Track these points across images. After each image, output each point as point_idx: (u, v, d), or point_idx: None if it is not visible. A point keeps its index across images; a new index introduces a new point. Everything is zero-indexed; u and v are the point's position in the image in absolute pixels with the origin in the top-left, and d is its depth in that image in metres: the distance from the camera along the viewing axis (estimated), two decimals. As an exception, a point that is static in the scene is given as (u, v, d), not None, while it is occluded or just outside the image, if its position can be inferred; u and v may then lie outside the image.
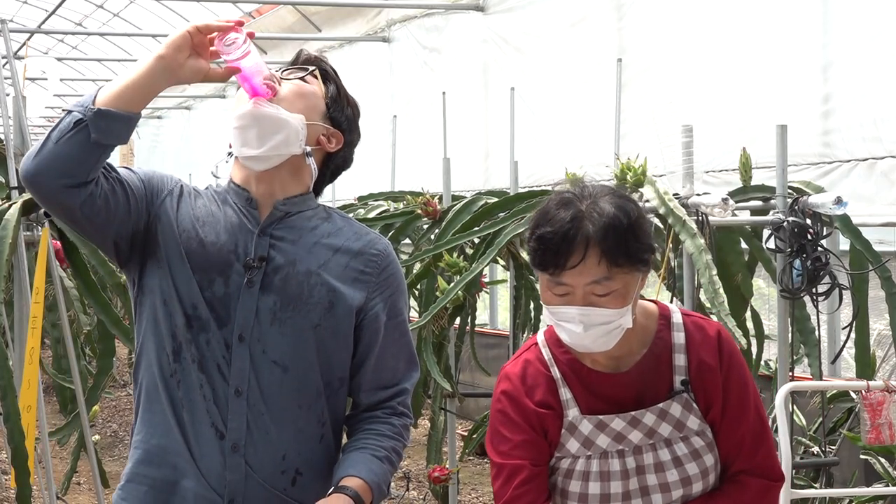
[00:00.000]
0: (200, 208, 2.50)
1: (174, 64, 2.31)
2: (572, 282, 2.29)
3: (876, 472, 5.22)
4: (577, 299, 2.30)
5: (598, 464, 2.40)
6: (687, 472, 2.39)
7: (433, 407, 5.66)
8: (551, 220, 2.31)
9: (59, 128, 2.28)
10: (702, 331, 2.47)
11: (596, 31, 8.56)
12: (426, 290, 5.63)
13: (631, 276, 2.32)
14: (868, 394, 4.14)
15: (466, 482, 8.07)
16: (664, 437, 2.40)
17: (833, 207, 4.42)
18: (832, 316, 5.94)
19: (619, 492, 2.39)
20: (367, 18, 12.30)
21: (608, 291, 2.29)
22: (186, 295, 2.42)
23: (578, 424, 2.42)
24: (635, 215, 2.33)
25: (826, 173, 6.45)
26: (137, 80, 2.31)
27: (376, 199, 6.96)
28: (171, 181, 2.53)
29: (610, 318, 2.30)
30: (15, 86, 5.34)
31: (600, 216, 2.29)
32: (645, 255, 2.33)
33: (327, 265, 2.50)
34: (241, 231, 2.47)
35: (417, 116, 10.86)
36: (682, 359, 2.44)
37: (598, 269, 2.28)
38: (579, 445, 2.42)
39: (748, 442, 2.43)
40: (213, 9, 14.95)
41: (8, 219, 4.54)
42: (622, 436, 2.40)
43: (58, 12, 15.08)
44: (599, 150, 7.62)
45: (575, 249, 2.27)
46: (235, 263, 2.45)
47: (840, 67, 6.48)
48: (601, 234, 2.27)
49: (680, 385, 2.42)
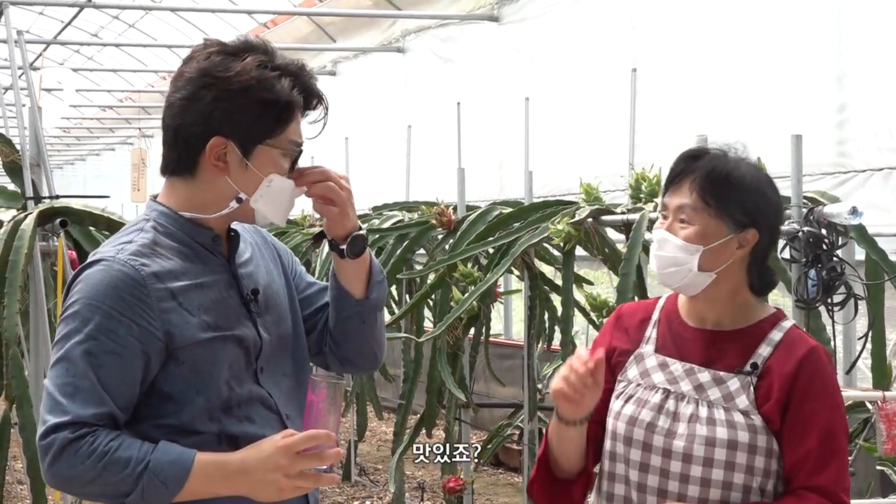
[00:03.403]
0: (192, 299, 2.36)
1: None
2: (668, 201, 2.56)
3: (892, 483, 5.19)
4: (666, 223, 2.56)
5: (643, 392, 2.60)
6: (715, 434, 2.48)
7: (448, 417, 5.66)
8: (685, 151, 2.60)
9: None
10: (799, 340, 2.57)
11: (609, 41, 8.56)
12: (441, 301, 5.64)
13: (715, 224, 2.50)
14: (884, 404, 4.13)
15: (481, 493, 8.06)
16: (710, 398, 2.52)
17: (848, 217, 4.40)
18: (848, 326, 5.91)
19: (647, 420, 2.55)
20: (381, 29, 12.33)
21: (689, 224, 2.51)
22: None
23: (646, 357, 2.64)
24: (749, 177, 2.54)
25: (841, 183, 6.43)
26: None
27: (391, 208, 6.98)
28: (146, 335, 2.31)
29: (678, 249, 2.51)
30: (31, 96, 5.37)
31: (716, 160, 2.55)
32: (737, 213, 2.50)
33: (268, 270, 2.55)
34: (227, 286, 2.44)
35: (432, 126, 10.86)
36: (767, 351, 2.54)
37: (687, 194, 2.51)
38: (637, 374, 2.63)
39: (811, 461, 2.48)
40: (229, 20, 15.01)
41: (24, 229, 4.56)
42: (676, 380, 2.57)
43: (73, 23, 15.17)
44: (614, 159, 7.60)
45: (680, 171, 2.55)
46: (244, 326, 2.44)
47: (855, 77, 6.46)
48: (705, 170, 2.52)
49: (749, 367, 2.53)
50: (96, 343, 2.25)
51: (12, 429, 4.81)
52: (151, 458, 2.21)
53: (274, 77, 2.33)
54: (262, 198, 2.37)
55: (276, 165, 2.37)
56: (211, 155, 2.34)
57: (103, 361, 2.25)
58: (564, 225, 4.72)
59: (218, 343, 2.35)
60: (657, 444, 2.53)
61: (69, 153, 29.12)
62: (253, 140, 2.35)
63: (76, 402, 2.23)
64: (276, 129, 2.35)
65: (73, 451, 2.21)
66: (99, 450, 2.21)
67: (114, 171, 26.60)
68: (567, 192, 7.66)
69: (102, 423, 2.24)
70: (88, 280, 2.30)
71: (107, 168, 27.88)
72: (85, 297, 2.28)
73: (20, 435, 4.53)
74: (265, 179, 2.36)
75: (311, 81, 2.41)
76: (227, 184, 2.36)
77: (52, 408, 2.24)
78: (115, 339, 2.26)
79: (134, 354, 2.27)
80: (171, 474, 2.22)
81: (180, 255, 2.37)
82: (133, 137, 22.80)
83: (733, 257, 2.53)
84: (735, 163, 2.56)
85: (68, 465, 2.22)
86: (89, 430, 2.22)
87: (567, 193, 7.37)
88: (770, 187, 2.58)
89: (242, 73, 2.31)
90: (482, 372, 6.89)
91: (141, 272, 2.29)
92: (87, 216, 4.77)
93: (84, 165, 30.14)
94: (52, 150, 25.51)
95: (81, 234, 4.81)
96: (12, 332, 4.52)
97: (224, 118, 2.32)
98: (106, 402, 2.25)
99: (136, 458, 2.21)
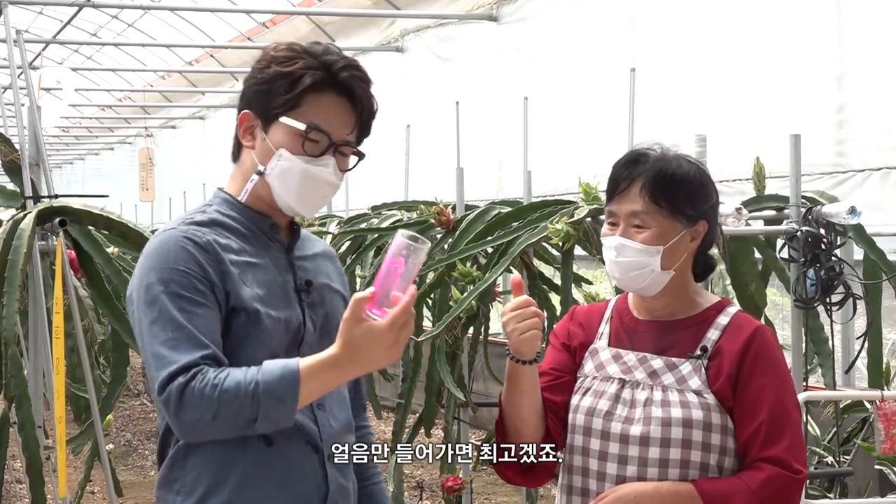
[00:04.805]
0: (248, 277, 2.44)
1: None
2: (617, 209, 2.61)
3: (891, 483, 5.20)
4: (618, 230, 2.61)
5: (599, 384, 2.68)
6: (670, 414, 2.55)
7: (446, 416, 5.66)
8: (623, 157, 2.65)
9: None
10: (746, 322, 2.65)
11: (609, 40, 8.56)
12: (440, 300, 5.63)
13: (670, 223, 2.58)
14: (882, 404, 4.14)
15: (480, 492, 8.06)
16: (664, 383, 2.60)
17: (847, 217, 4.41)
18: (846, 326, 5.93)
19: (605, 409, 2.63)
20: (380, 28, 12.34)
21: (644, 227, 2.58)
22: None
23: (600, 352, 2.72)
24: (692, 174, 2.61)
25: (840, 183, 6.44)
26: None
27: (389, 208, 6.98)
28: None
29: (639, 252, 2.58)
30: (30, 96, 5.37)
31: (658, 160, 2.60)
32: (687, 210, 2.59)
33: (328, 276, 2.61)
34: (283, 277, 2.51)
35: (431, 126, 10.87)
36: (716, 335, 2.62)
37: (638, 200, 2.58)
38: (593, 367, 2.71)
39: (763, 434, 2.54)
40: (228, 19, 15.02)
41: (23, 228, 4.55)
42: (630, 370, 2.65)
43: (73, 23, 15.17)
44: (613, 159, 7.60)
45: (625, 178, 2.61)
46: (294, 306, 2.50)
47: (854, 77, 6.47)
48: (651, 173, 2.58)
49: (699, 350, 2.60)
50: (184, 300, 2.33)
51: (11, 428, 4.81)
52: (260, 379, 2.24)
53: (295, 56, 2.45)
54: (273, 172, 2.45)
55: (291, 141, 2.43)
56: (242, 129, 2.49)
57: (195, 313, 2.33)
58: (563, 224, 4.72)
59: (265, 319, 2.40)
60: (615, 432, 2.60)
61: (68, 152, 29.13)
62: (270, 112, 2.44)
63: (179, 350, 2.29)
64: (289, 99, 2.42)
65: (189, 395, 2.24)
66: (209, 384, 2.24)
67: (113, 171, 26.63)
68: (566, 191, 7.67)
69: (209, 363, 2.29)
70: (157, 249, 2.39)
71: (106, 167, 27.91)
72: (160, 264, 2.36)
73: (19, 434, 4.53)
74: (276, 153, 2.44)
75: (342, 72, 2.46)
76: (252, 159, 2.48)
77: (158, 365, 2.29)
78: (198, 294, 2.34)
79: (215, 306, 2.36)
80: (283, 389, 2.24)
81: (239, 235, 2.47)
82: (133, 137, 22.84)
83: (688, 251, 2.64)
84: (676, 161, 2.62)
85: (191, 409, 2.25)
86: (198, 369, 2.26)
87: (566, 193, 7.38)
88: (708, 177, 2.67)
89: (273, 51, 2.47)
90: (481, 371, 6.88)
91: (202, 238, 2.40)
92: (87, 215, 4.76)
93: (83, 165, 30.15)
94: (52, 149, 25.52)
95: (80, 234, 4.81)
96: (11, 331, 4.52)
97: (251, 94, 2.48)
98: (208, 346, 2.31)
99: (245, 382, 2.23)
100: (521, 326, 2.58)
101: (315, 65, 2.44)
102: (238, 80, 16.59)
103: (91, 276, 4.94)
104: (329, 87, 2.45)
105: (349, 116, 2.48)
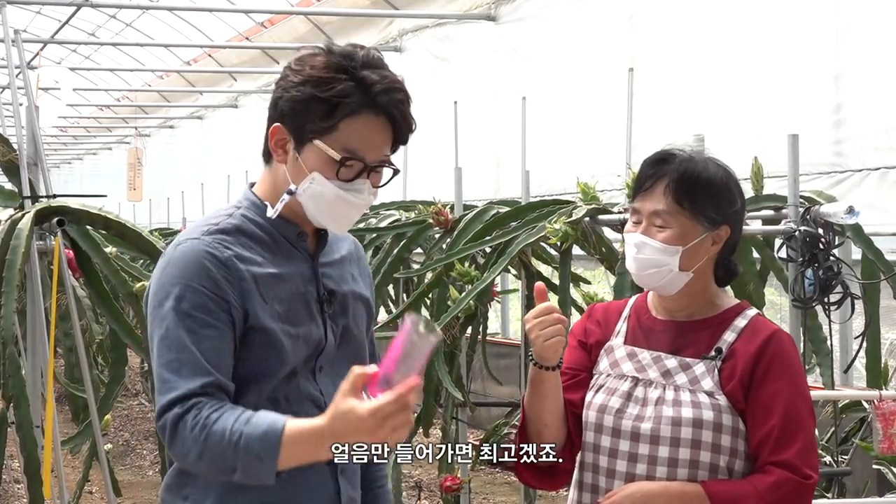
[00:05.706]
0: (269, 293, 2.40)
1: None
2: (641, 207, 2.64)
3: (889, 482, 5.20)
4: (641, 227, 2.63)
5: (612, 381, 2.70)
6: (681, 414, 2.57)
7: (445, 416, 5.66)
8: (651, 156, 2.66)
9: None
10: (763, 326, 2.66)
11: (607, 40, 8.56)
12: (438, 300, 5.64)
13: (691, 225, 2.60)
14: (880, 403, 4.14)
15: (478, 492, 8.06)
16: (677, 383, 2.61)
17: (845, 217, 4.42)
18: (844, 325, 5.93)
19: (616, 407, 2.65)
20: (378, 28, 12.33)
21: (665, 227, 2.60)
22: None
23: (616, 349, 2.74)
24: (718, 177, 2.63)
25: (838, 182, 6.44)
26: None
27: (388, 208, 6.97)
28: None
29: (658, 251, 2.59)
30: (28, 96, 5.36)
31: (685, 161, 2.62)
32: (711, 212, 2.61)
33: (353, 277, 2.58)
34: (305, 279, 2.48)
35: (429, 126, 10.76)
36: (732, 336, 2.63)
37: (661, 199, 2.60)
38: (607, 365, 2.73)
39: (775, 438, 2.54)
40: (227, 19, 15.01)
41: (21, 228, 4.55)
42: (644, 368, 2.66)
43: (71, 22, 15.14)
44: (611, 159, 7.60)
45: (650, 176, 2.63)
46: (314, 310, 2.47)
47: (852, 77, 6.47)
48: (676, 173, 2.60)
49: (714, 352, 2.61)
50: (193, 320, 2.30)
51: (9, 428, 4.81)
52: (244, 431, 2.19)
53: (333, 80, 2.36)
54: (305, 194, 2.40)
55: (325, 167, 2.38)
56: (273, 141, 2.42)
57: (203, 335, 2.29)
58: (561, 224, 4.72)
59: (282, 337, 2.37)
60: (626, 429, 2.61)
61: (66, 152, 29.10)
62: (305, 133, 2.38)
63: (182, 375, 2.26)
64: (324, 126, 2.36)
65: (182, 429, 2.23)
66: (200, 424, 2.22)
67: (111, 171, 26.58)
68: (564, 191, 7.67)
69: (211, 392, 2.26)
70: (177, 260, 2.36)
71: (104, 167, 27.86)
72: (176, 277, 2.33)
73: (17, 434, 4.53)
74: (308, 176, 2.39)
75: (381, 96, 2.39)
76: (284, 174, 2.42)
77: (161, 388, 2.28)
78: (208, 314, 2.30)
79: (227, 327, 2.32)
80: (263, 447, 2.18)
81: (263, 245, 2.43)
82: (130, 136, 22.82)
83: (708, 254, 2.65)
84: (703, 164, 2.63)
85: (181, 442, 2.23)
86: (196, 401, 2.24)
87: (564, 193, 7.38)
88: (734, 182, 2.69)
89: (310, 68, 2.37)
90: (479, 371, 6.89)
91: (224, 253, 2.35)
92: (85, 215, 4.76)
93: (81, 164, 30.12)
94: (50, 149, 25.50)
95: (78, 234, 4.81)
96: (9, 331, 4.52)
97: (286, 108, 2.39)
98: (211, 373, 2.27)
99: (230, 430, 2.20)
100: (545, 333, 2.56)
101: (352, 90, 2.35)
102: (236, 80, 16.60)
103: (89, 275, 4.93)
104: (367, 109, 2.38)
105: (386, 136, 2.43)
